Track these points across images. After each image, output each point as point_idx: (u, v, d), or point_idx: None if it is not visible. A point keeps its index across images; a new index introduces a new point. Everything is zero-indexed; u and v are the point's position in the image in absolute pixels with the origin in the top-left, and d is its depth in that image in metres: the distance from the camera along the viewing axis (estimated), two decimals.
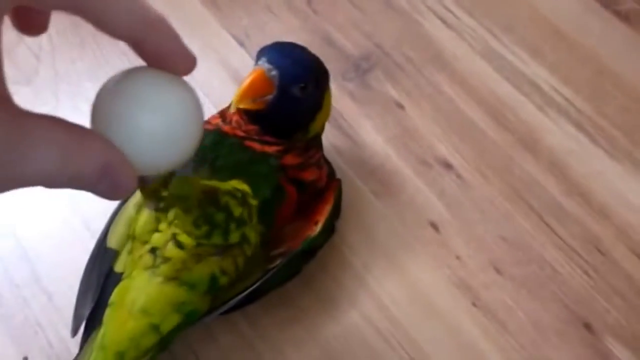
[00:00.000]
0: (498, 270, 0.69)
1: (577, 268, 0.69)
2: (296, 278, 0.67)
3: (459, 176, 0.75)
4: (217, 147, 0.64)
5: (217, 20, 0.87)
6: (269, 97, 0.61)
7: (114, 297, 0.60)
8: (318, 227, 0.66)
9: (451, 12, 0.86)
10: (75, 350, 0.64)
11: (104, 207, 0.70)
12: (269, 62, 0.61)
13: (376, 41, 0.85)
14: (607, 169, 0.75)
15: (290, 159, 0.65)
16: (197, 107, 0.41)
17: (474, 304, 0.68)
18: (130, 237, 0.63)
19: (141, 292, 0.59)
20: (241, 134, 0.65)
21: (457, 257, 0.70)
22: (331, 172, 0.71)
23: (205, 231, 0.59)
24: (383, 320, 0.67)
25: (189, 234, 0.59)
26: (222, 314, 0.63)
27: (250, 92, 0.60)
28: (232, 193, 0.61)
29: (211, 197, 0.59)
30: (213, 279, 0.60)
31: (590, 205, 0.72)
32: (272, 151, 0.65)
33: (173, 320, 0.59)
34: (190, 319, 0.60)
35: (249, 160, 0.64)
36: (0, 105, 0.31)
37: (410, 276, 0.70)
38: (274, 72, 0.61)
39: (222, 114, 0.68)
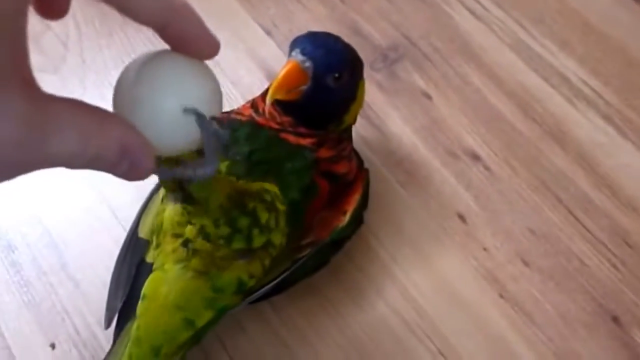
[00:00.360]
0: (525, 262, 0.70)
1: (605, 261, 0.69)
2: (323, 268, 0.68)
3: (486, 167, 0.75)
4: (251, 139, 0.64)
5: (245, 9, 0.87)
6: (304, 87, 0.61)
7: (146, 289, 0.60)
8: (347, 217, 0.66)
9: (480, 3, 0.86)
10: (101, 336, 0.65)
11: (131, 195, 0.71)
12: (303, 53, 0.61)
13: (404, 31, 0.85)
14: (635, 162, 0.75)
15: (324, 152, 0.65)
16: (217, 90, 0.42)
17: (501, 296, 0.68)
18: (157, 229, 0.63)
19: (174, 286, 0.59)
20: (276, 126, 0.65)
21: (485, 249, 0.70)
22: (360, 164, 0.71)
23: (226, 233, 0.59)
24: (410, 311, 0.68)
25: (207, 234, 0.59)
26: (249, 303, 0.63)
27: (285, 83, 0.60)
28: (261, 196, 0.61)
29: (237, 201, 0.59)
30: (240, 283, 0.60)
31: (619, 198, 0.72)
32: (307, 144, 0.65)
33: (207, 315, 0.59)
34: (222, 314, 0.61)
35: (286, 155, 0.64)
36: (24, 89, 0.32)
37: (437, 267, 0.70)
38: (307, 64, 0.60)
39: (254, 105, 0.68)
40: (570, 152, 0.75)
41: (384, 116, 0.78)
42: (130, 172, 0.37)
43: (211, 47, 0.40)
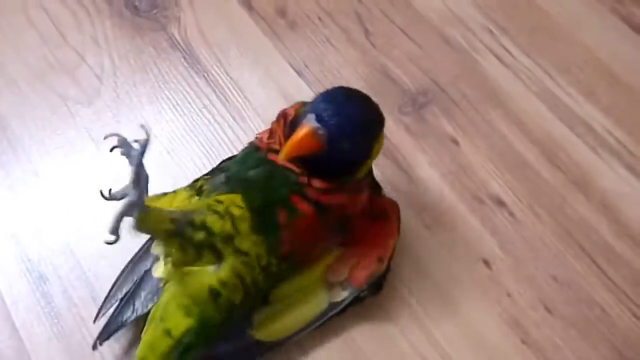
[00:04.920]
0: (548, 309, 0.72)
1: (626, 310, 0.72)
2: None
3: (511, 214, 0.77)
4: (244, 160, 0.69)
5: (278, 50, 0.91)
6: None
7: (152, 313, 0.66)
8: (384, 265, 0.70)
9: (508, 51, 0.89)
10: None
11: None
12: (318, 119, 0.61)
13: (433, 77, 0.88)
14: None
15: (316, 182, 0.65)
16: None
17: (523, 342, 0.71)
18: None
19: (161, 303, 0.65)
20: (273, 146, 0.67)
21: (508, 294, 0.73)
22: (377, 192, 0.73)
23: (193, 255, 0.63)
24: (434, 354, 0.70)
25: (180, 261, 0.64)
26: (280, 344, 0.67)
27: (298, 149, 0.61)
28: (211, 207, 0.63)
29: (184, 221, 0.62)
30: (213, 292, 0.64)
31: None
32: (294, 167, 0.65)
33: (184, 323, 0.63)
34: (205, 325, 0.64)
35: (264, 174, 0.66)
36: None
37: (461, 311, 0.73)
38: (322, 131, 0.61)
39: (272, 131, 0.70)
40: (593, 201, 0.78)
41: (411, 160, 0.81)
42: None
43: None
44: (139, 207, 0.57)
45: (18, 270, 0.77)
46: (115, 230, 0.56)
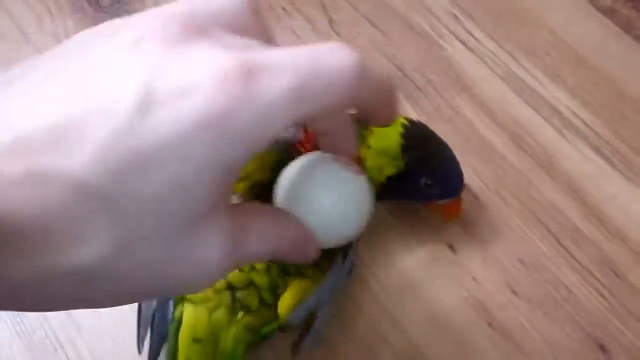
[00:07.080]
0: (514, 292, 0.73)
1: (592, 290, 0.73)
2: None
3: (476, 198, 0.79)
4: None
5: None
6: None
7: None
8: None
9: (472, 35, 0.90)
10: None
11: None
12: None
13: (397, 63, 0.89)
14: (623, 192, 0.79)
15: None
16: (368, 189, 0.51)
17: (489, 325, 0.72)
18: None
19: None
20: None
21: (474, 279, 0.74)
22: None
23: None
24: (399, 339, 0.71)
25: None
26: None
27: None
28: None
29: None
30: None
31: (607, 228, 0.77)
32: None
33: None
34: None
35: None
36: (228, 208, 0.38)
37: (427, 297, 0.74)
38: None
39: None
40: (560, 183, 0.79)
41: None
42: (294, 259, 0.44)
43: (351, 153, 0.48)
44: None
45: None
46: None
